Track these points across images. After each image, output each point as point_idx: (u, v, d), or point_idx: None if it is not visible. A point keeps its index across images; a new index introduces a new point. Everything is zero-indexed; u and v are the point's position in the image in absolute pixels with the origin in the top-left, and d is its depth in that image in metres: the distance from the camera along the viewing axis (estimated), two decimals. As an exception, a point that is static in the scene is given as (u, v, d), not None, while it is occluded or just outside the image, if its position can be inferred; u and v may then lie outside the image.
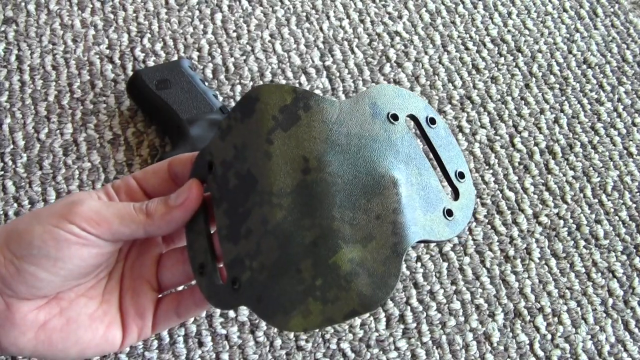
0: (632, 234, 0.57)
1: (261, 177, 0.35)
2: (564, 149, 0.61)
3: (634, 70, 0.66)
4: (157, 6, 0.67)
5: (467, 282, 0.54)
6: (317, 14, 0.67)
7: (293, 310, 0.33)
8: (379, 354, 0.50)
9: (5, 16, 0.65)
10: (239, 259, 0.35)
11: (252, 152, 0.35)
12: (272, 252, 0.34)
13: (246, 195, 0.35)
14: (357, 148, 0.35)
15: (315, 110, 0.35)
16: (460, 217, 0.37)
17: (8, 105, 0.60)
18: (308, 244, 0.33)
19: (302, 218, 0.34)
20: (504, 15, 0.69)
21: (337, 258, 0.33)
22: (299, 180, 0.34)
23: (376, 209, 0.34)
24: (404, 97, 0.38)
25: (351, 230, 0.34)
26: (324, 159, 0.34)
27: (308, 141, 0.35)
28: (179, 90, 0.57)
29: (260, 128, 0.35)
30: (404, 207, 0.35)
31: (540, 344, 0.52)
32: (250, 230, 0.35)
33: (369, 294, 0.33)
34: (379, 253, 0.34)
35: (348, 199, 0.34)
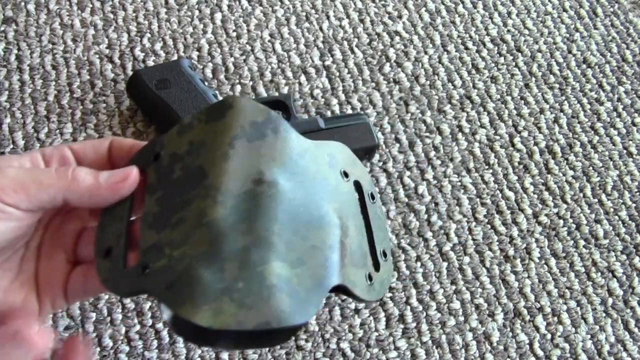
0: (632, 234, 0.57)
1: (212, 174, 0.35)
2: (563, 148, 0.61)
3: (633, 70, 0.66)
4: (156, 6, 0.66)
5: (467, 282, 0.54)
6: (316, 14, 0.67)
7: (204, 305, 0.32)
8: (378, 354, 0.50)
9: (5, 16, 0.65)
10: (157, 246, 0.34)
11: (210, 150, 0.35)
12: (201, 245, 0.33)
13: (190, 187, 0.35)
14: (310, 182, 0.36)
15: (283, 136, 0.36)
16: (378, 288, 0.38)
17: (8, 104, 0.60)
18: (240, 247, 0.33)
19: (241, 222, 0.34)
20: (503, 15, 0.69)
21: (265, 269, 0.33)
22: (248, 188, 0.35)
23: (314, 240, 0.35)
24: (357, 165, 0.40)
25: (285, 249, 0.34)
26: (278, 178, 0.35)
27: (268, 158, 0.36)
28: (179, 90, 0.57)
29: (226, 131, 0.35)
30: (339, 249, 0.35)
31: (540, 344, 0.52)
32: (183, 219, 0.34)
33: (287, 311, 0.32)
34: (306, 279, 0.34)
35: (291, 221, 0.35)
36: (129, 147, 0.38)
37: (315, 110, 0.61)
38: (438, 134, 0.61)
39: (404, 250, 0.55)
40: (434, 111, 0.62)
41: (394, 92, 0.63)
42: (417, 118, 0.61)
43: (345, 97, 0.62)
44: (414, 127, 0.61)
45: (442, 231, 0.56)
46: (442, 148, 0.60)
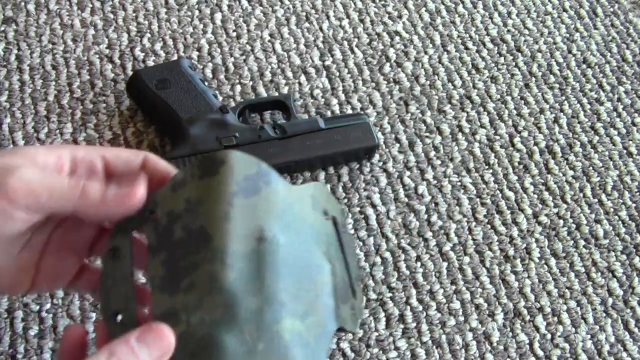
0: (632, 234, 0.57)
1: (217, 236, 0.35)
2: (563, 148, 0.61)
3: (633, 70, 0.66)
4: (156, 6, 0.66)
5: (467, 282, 0.54)
6: (316, 14, 0.67)
7: None
8: (378, 354, 0.50)
9: (5, 16, 0.65)
10: (172, 312, 0.34)
11: (210, 209, 0.35)
12: (216, 309, 0.34)
13: (195, 250, 0.35)
14: (302, 231, 0.37)
15: (274, 187, 0.37)
16: (359, 315, 0.40)
17: (8, 104, 0.60)
18: (253, 308, 0.34)
19: (250, 283, 0.34)
20: (503, 15, 0.69)
21: (280, 327, 0.34)
22: (252, 247, 0.35)
23: (315, 289, 0.37)
24: (333, 202, 0.42)
25: (294, 304, 0.35)
26: (276, 232, 0.36)
27: (265, 212, 0.36)
28: (179, 90, 0.57)
29: (223, 189, 0.36)
30: (333, 294, 0.38)
31: (540, 344, 0.52)
32: (194, 284, 0.34)
33: None
34: (314, 329, 0.36)
35: (294, 275, 0.36)
36: (164, 171, 0.38)
37: (315, 110, 0.61)
38: (438, 134, 0.61)
39: (404, 250, 0.55)
40: (434, 111, 0.62)
41: (394, 92, 0.63)
42: (417, 118, 0.61)
43: (345, 97, 0.62)
44: (414, 127, 0.61)
45: (442, 231, 0.56)
46: (442, 148, 0.60)
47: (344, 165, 0.58)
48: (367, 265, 0.54)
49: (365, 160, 0.59)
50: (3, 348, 0.49)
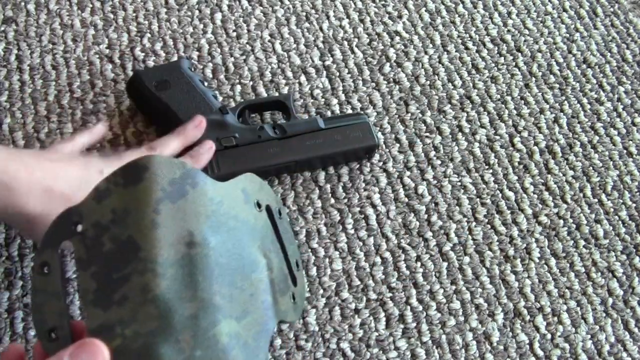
0: (632, 234, 0.57)
1: (145, 245, 0.34)
2: (563, 148, 0.61)
3: (633, 70, 0.66)
4: (157, 6, 0.66)
5: (467, 282, 0.54)
6: (316, 14, 0.67)
7: None
8: (378, 354, 0.50)
9: (5, 16, 0.65)
10: (107, 326, 0.34)
11: (136, 218, 0.35)
12: (151, 320, 0.33)
13: (125, 261, 0.34)
14: (234, 229, 0.37)
15: (201, 188, 0.36)
16: (300, 303, 0.40)
17: (8, 104, 0.60)
18: (188, 315, 0.34)
19: (184, 289, 0.34)
20: (503, 15, 0.69)
21: (217, 331, 0.34)
22: (183, 253, 0.35)
23: (249, 287, 0.36)
24: (266, 190, 0.41)
25: (229, 305, 0.35)
26: (207, 235, 0.35)
27: (194, 216, 0.35)
28: (179, 91, 0.57)
29: (148, 196, 0.35)
30: (270, 289, 0.38)
31: (540, 344, 0.52)
32: (127, 297, 0.34)
33: None
34: (252, 329, 0.36)
35: (227, 276, 0.36)
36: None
37: (315, 110, 0.61)
38: (438, 134, 0.61)
39: (404, 250, 0.55)
40: (434, 111, 0.62)
41: (394, 92, 0.63)
42: (417, 118, 0.61)
43: (345, 97, 0.62)
44: (414, 127, 0.61)
45: (442, 231, 0.56)
46: (442, 148, 0.60)
47: (344, 165, 0.58)
48: (367, 265, 0.54)
49: (365, 160, 0.59)
50: (3, 348, 0.49)
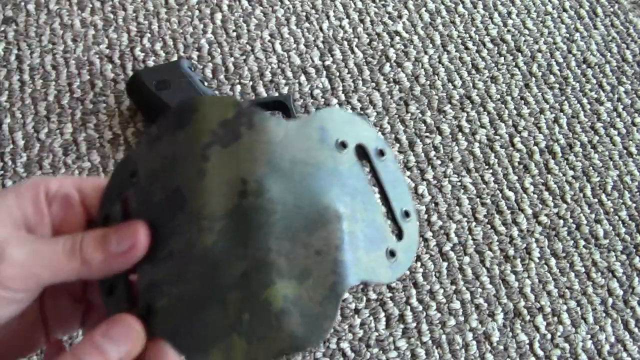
0: (632, 234, 0.57)
1: (191, 197, 0.31)
2: (563, 148, 0.61)
3: (633, 70, 0.66)
4: (157, 6, 0.66)
5: (467, 282, 0.54)
6: (316, 14, 0.67)
7: (214, 347, 0.30)
8: (378, 354, 0.50)
9: (5, 16, 0.65)
10: (155, 284, 0.31)
11: (183, 167, 0.31)
12: (197, 280, 0.31)
13: (172, 213, 0.31)
14: (301, 175, 0.32)
15: (259, 129, 0.32)
16: (403, 259, 0.34)
17: (8, 105, 0.60)
18: (238, 275, 0.30)
19: (234, 246, 0.30)
20: (503, 15, 0.69)
21: (270, 293, 0.30)
22: (234, 204, 0.31)
23: (317, 244, 0.31)
24: (355, 124, 0.35)
25: (288, 264, 0.31)
26: (265, 183, 0.31)
27: (248, 162, 0.31)
28: (179, 91, 0.57)
29: (195, 142, 0.31)
30: (347, 245, 0.32)
31: (540, 344, 0.52)
32: (173, 252, 0.31)
33: (301, 335, 0.30)
34: (316, 292, 0.31)
35: (287, 230, 0.31)
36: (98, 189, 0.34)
37: (315, 110, 0.61)
38: (438, 134, 0.61)
39: (404, 250, 0.55)
40: (434, 111, 0.62)
41: (394, 92, 0.63)
42: (417, 118, 0.61)
43: (345, 97, 0.62)
44: (414, 127, 0.61)
45: (442, 231, 0.56)
46: (442, 148, 0.60)
47: (344, 165, 0.58)
48: (367, 265, 0.54)
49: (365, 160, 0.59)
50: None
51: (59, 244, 0.31)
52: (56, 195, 0.33)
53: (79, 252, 0.31)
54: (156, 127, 0.33)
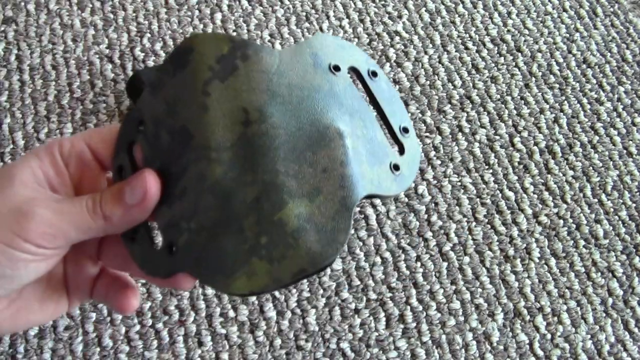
0: (632, 234, 0.57)
1: (197, 132, 0.32)
2: (563, 148, 0.61)
3: (633, 70, 0.66)
4: (157, 6, 0.67)
5: (467, 282, 0.54)
6: (316, 14, 0.67)
7: (236, 272, 0.31)
8: (378, 354, 0.50)
9: (5, 16, 0.65)
10: (174, 222, 0.33)
11: (186, 105, 0.33)
12: (211, 210, 0.32)
13: (181, 152, 0.33)
14: (299, 99, 0.33)
15: (254, 60, 0.33)
16: (407, 172, 0.36)
17: (8, 104, 0.60)
18: (251, 200, 0.31)
19: (243, 173, 0.32)
20: (503, 15, 0.69)
21: (283, 214, 0.31)
22: (239, 134, 0.32)
23: (322, 161, 0.32)
24: (345, 49, 0.36)
25: (297, 184, 0.32)
26: (265, 110, 0.32)
27: (247, 92, 0.32)
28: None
29: (195, 79, 0.33)
30: (351, 160, 0.33)
31: (540, 344, 0.52)
32: (186, 189, 0.32)
33: (319, 250, 0.31)
34: (327, 207, 0.32)
35: (292, 152, 0.32)
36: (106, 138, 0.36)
37: (315, 110, 0.61)
38: (438, 134, 0.61)
39: (404, 250, 0.55)
40: (434, 111, 0.62)
41: (394, 92, 0.63)
42: (417, 118, 0.61)
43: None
44: (414, 127, 0.61)
45: (442, 231, 0.56)
46: (442, 148, 0.60)
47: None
48: (367, 265, 0.54)
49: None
50: (3, 348, 0.49)
51: (82, 203, 0.33)
52: (70, 155, 0.34)
53: (100, 209, 0.32)
54: (157, 74, 0.34)
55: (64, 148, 0.34)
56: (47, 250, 0.32)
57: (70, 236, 0.32)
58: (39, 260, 0.32)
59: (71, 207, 0.32)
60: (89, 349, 0.49)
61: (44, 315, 0.36)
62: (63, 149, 0.34)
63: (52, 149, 0.34)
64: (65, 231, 0.32)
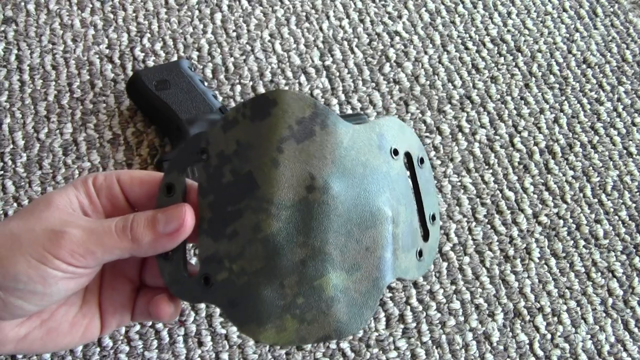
0: (632, 234, 0.57)
1: (263, 183, 0.34)
2: (563, 148, 0.61)
3: (633, 70, 0.66)
4: (156, 6, 0.66)
5: (467, 282, 0.54)
6: (316, 14, 0.67)
7: (268, 323, 0.33)
8: (378, 354, 0.50)
9: (5, 16, 0.65)
10: (217, 257, 0.34)
11: (258, 155, 0.34)
12: (258, 260, 0.33)
13: (241, 196, 0.34)
14: (361, 176, 0.35)
15: (331, 130, 0.35)
16: (427, 259, 0.39)
17: (8, 105, 0.60)
18: (297, 261, 0.33)
19: (296, 234, 0.33)
20: (503, 15, 0.69)
21: (323, 281, 0.33)
22: (301, 197, 0.34)
23: (367, 241, 0.35)
24: (407, 134, 0.39)
25: (341, 257, 0.34)
26: (330, 181, 0.34)
27: (318, 159, 0.34)
28: (179, 91, 0.57)
29: (273, 133, 0.34)
30: (391, 245, 0.35)
31: (540, 344, 0.52)
32: (237, 232, 0.34)
33: (345, 322, 0.33)
34: (362, 284, 0.34)
35: (344, 226, 0.34)
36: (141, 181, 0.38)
37: (315, 110, 0.61)
38: (438, 134, 0.61)
39: (404, 250, 0.55)
40: (434, 111, 0.62)
41: (394, 92, 0.63)
42: (417, 118, 0.61)
43: (345, 97, 0.62)
44: (414, 127, 0.61)
45: (442, 231, 0.56)
46: (442, 148, 0.60)
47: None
48: (367, 266, 0.54)
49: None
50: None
51: (112, 224, 0.34)
52: (102, 187, 0.36)
53: (130, 231, 0.34)
54: (233, 112, 0.35)
55: (98, 180, 0.36)
56: (76, 269, 0.33)
57: (97, 255, 0.33)
58: (68, 278, 0.33)
59: (100, 227, 0.34)
60: (88, 349, 0.49)
61: (72, 338, 0.37)
62: (96, 181, 0.36)
63: (87, 180, 0.36)
64: (92, 251, 0.33)
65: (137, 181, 0.37)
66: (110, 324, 0.38)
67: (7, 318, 0.34)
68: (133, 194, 0.37)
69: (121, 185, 0.37)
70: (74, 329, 0.37)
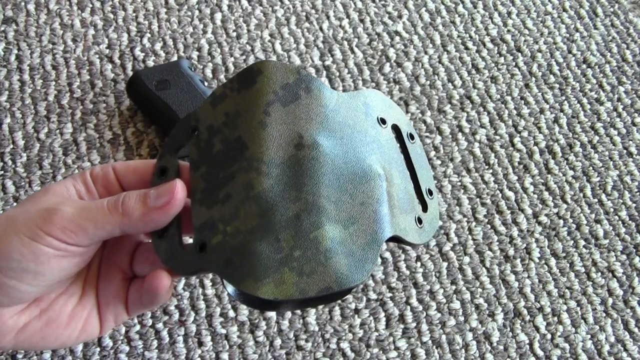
0: (632, 234, 0.57)
1: (252, 144, 0.35)
2: (563, 148, 0.61)
3: (633, 70, 0.66)
4: (156, 6, 0.66)
5: (467, 282, 0.54)
6: (316, 14, 0.67)
7: (266, 278, 0.33)
8: (378, 354, 0.50)
9: (5, 16, 0.65)
10: (210, 223, 0.35)
11: (246, 120, 0.35)
12: (252, 218, 0.34)
13: (232, 160, 0.35)
14: (349, 137, 0.36)
15: (316, 94, 0.36)
16: (428, 228, 0.39)
17: (8, 105, 0.60)
18: (291, 215, 0.34)
19: (288, 190, 0.34)
20: (503, 15, 0.69)
21: (319, 233, 0.33)
22: (290, 154, 0.34)
23: (361, 195, 0.35)
24: (393, 108, 0.40)
25: (335, 210, 0.34)
26: (319, 139, 0.35)
27: (305, 120, 0.35)
28: (179, 91, 0.57)
29: (259, 99, 0.35)
30: (386, 200, 0.36)
31: (540, 344, 0.52)
32: (230, 195, 0.35)
33: (346, 273, 0.33)
34: (360, 237, 0.34)
35: (336, 181, 0.35)
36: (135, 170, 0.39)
37: (315, 110, 0.61)
38: (438, 134, 0.61)
39: (404, 250, 0.55)
40: (434, 111, 0.62)
41: (394, 92, 0.63)
42: (417, 118, 0.61)
43: (345, 97, 0.62)
44: (414, 127, 0.61)
45: (442, 231, 0.56)
46: (442, 148, 0.60)
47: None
48: (367, 266, 0.54)
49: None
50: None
51: (104, 201, 0.35)
52: (98, 176, 0.37)
53: (121, 205, 0.34)
54: (220, 87, 0.36)
55: (94, 171, 0.38)
56: (68, 246, 0.34)
57: (89, 231, 0.34)
58: (60, 256, 0.34)
59: (92, 204, 0.35)
60: (88, 349, 0.49)
61: (72, 331, 0.37)
62: (93, 171, 0.37)
63: (85, 171, 0.37)
64: (84, 226, 0.34)
65: (132, 169, 0.38)
66: (107, 318, 0.38)
67: (5, 302, 0.34)
68: (128, 181, 0.38)
69: (116, 173, 0.38)
70: (73, 321, 0.37)
